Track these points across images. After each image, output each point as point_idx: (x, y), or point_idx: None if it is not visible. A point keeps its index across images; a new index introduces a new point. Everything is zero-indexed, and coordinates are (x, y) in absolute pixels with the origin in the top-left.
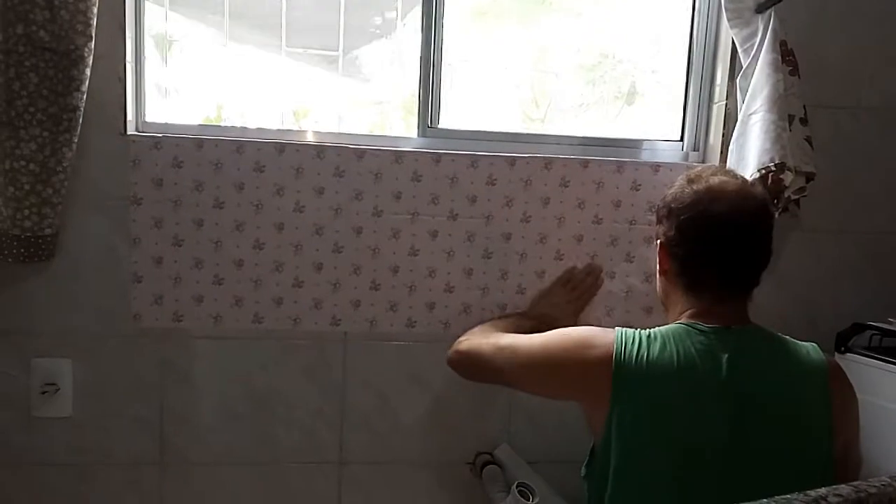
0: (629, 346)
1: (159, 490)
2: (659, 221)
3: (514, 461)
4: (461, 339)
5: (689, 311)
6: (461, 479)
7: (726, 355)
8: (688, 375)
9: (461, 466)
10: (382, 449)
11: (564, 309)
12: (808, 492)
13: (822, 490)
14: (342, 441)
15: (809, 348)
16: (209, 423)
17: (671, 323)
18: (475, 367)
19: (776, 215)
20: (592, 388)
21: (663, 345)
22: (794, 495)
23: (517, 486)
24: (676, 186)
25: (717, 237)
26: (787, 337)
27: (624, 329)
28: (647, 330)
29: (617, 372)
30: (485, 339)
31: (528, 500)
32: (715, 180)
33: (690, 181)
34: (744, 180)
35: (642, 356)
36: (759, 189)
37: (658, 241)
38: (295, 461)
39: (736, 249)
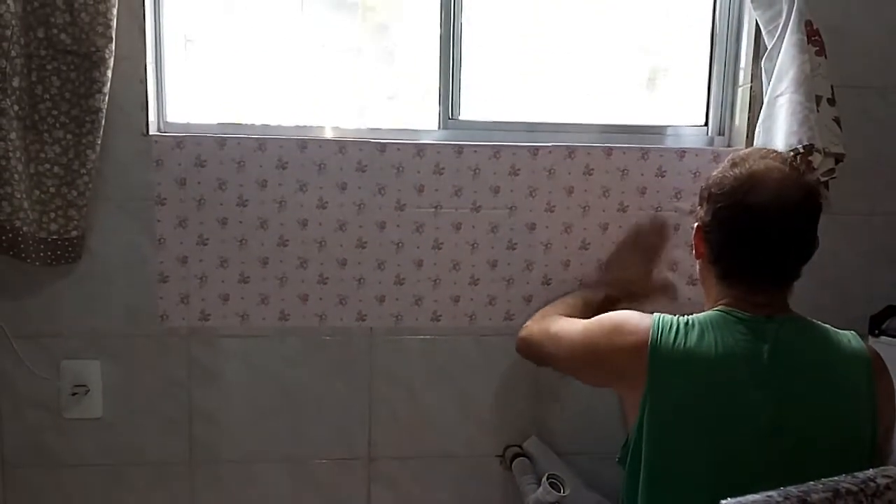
0: (666, 332)
1: (190, 489)
2: (700, 203)
3: (544, 453)
4: (526, 323)
5: (724, 300)
6: (491, 472)
7: (767, 345)
8: (726, 364)
9: (491, 459)
10: (411, 443)
11: (637, 270)
12: (857, 473)
13: (871, 471)
14: (370, 436)
15: (850, 336)
16: (238, 421)
17: (708, 308)
18: (533, 354)
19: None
20: (628, 374)
21: (701, 333)
22: (842, 477)
23: (548, 478)
24: (720, 168)
25: (753, 228)
26: (828, 325)
27: (662, 315)
28: (686, 316)
29: (652, 358)
30: (539, 326)
31: (559, 492)
32: (760, 165)
33: (734, 164)
34: (792, 166)
35: (679, 343)
36: (808, 177)
37: (695, 224)
38: (324, 457)
39: (773, 243)
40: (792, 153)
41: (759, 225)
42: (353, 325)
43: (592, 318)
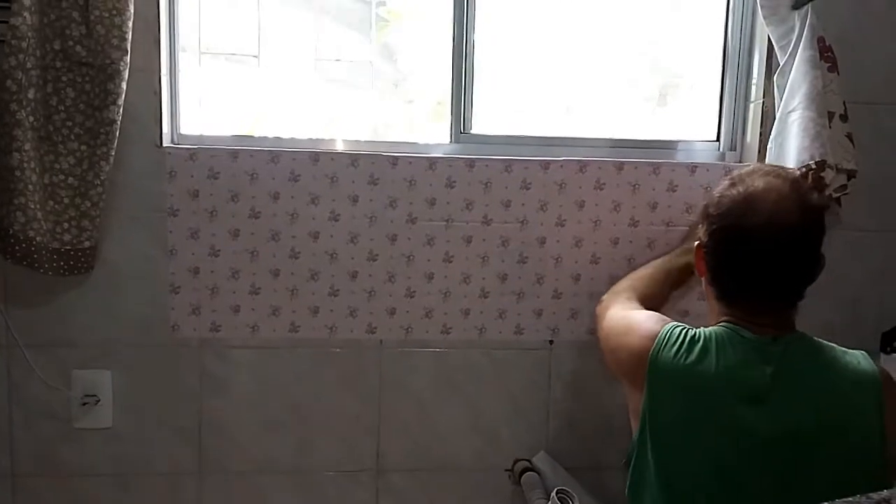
0: (669, 345)
1: (198, 499)
2: (701, 221)
3: (553, 468)
4: (605, 294)
5: (726, 318)
6: (500, 485)
7: (771, 368)
8: (724, 383)
9: (499, 473)
10: (420, 456)
11: None
12: (871, 494)
13: (885, 493)
14: (379, 449)
15: (860, 357)
16: (247, 433)
17: (712, 323)
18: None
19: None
20: (630, 375)
21: (703, 350)
22: (857, 498)
23: (557, 493)
24: (720, 186)
25: (747, 252)
26: (836, 345)
27: (673, 325)
28: (694, 329)
29: (651, 368)
30: (609, 303)
31: None
32: (759, 183)
33: (733, 184)
34: (793, 185)
35: (680, 359)
36: (810, 198)
37: (696, 243)
38: (333, 469)
39: (768, 267)
40: (802, 169)
41: (752, 248)
42: (363, 338)
43: (629, 312)
